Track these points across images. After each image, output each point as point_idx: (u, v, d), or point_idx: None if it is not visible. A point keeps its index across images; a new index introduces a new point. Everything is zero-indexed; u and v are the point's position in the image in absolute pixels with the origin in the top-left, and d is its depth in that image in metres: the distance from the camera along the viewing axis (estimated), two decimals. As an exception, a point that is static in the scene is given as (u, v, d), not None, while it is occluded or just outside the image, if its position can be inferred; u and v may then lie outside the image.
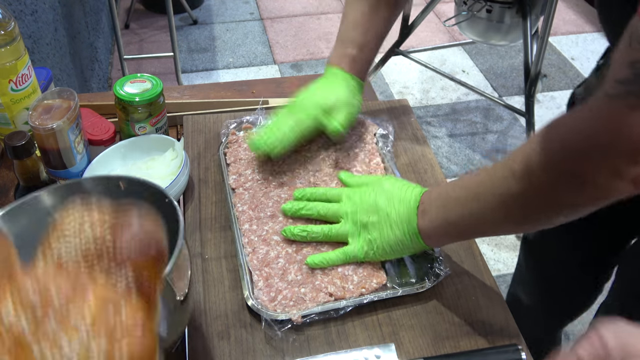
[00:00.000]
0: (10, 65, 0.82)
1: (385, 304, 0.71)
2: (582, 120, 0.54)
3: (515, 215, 0.61)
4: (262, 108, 0.97)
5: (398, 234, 0.69)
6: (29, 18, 1.47)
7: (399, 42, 2.18)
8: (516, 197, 0.59)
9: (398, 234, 0.69)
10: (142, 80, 0.89)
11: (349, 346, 0.67)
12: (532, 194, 0.58)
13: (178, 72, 2.43)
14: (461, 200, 0.64)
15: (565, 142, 0.55)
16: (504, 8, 1.88)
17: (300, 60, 2.77)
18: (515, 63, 2.76)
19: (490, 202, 0.61)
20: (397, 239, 0.70)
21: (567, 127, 0.55)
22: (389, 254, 0.72)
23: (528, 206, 0.59)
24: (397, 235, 0.70)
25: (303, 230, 0.75)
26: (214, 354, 0.67)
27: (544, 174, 0.56)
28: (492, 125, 2.41)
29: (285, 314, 0.69)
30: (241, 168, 0.87)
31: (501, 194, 0.60)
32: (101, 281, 0.28)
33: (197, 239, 0.79)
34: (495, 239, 1.95)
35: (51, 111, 0.77)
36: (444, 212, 0.66)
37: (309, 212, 0.77)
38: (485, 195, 0.62)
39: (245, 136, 0.92)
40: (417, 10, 2.13)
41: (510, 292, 1.28)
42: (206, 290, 0.73)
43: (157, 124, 0.90)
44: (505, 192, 0.60)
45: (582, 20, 3.11)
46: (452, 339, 0.68)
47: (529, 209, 0.60)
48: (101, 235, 0.29)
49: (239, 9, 3.15)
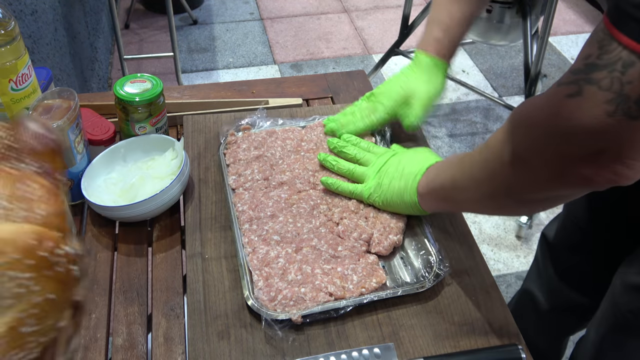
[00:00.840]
0: (10, 65, 0.82)
1: (385, 304, 0.71)
2: (534, 106, 0.56)
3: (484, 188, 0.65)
4: (262, 109, 0.97)
5: (402, 186, 0.76)
6: (29, 18, 1.47)
7: (399, 42, 2.18)
8: (485, 170, 0.63)
9: (402, 186, 0.76)
10: (142, 80, 0.89)
11: (349, 346, 0.68)
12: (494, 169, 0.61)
13: (178, 72, 2.43)
14: (451, 165, 0.71)
15: (519, 123, 0.57)
16: (504, 8, 1.88)
17: (300, 60, 2.77)
18: (515, 63, 2.76)
19: (468, 171, 0.66)
20: (400, 190, 0.76)
21: (524, 109, 0.57)
22: (388, 202, 0.77)
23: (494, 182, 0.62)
24: (401, 186, 0.76)
25: (335, 160, 0.85)
26: (214, 354, 0.67)
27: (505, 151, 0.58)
28: (492, 125, 2.41)
29: (285, 313, 0.69)
30: (240, 168, 0.87)
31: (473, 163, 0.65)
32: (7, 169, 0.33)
33: (197, 239, 0.79)
34: (495, 239, 1.95)
35: (51, 111, 0.77)
36: (435, 175, 0.73)
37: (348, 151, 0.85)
38: (467, 164, 0.67)
39: (245, 136, 0.92)
40: (417, 10, 2.13)
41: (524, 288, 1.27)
42: (206, 290, 0.73)
43: (157, 124, 0.90)
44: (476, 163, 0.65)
45: (582, 20, 3.11)
46: (452, 339, 0.68)
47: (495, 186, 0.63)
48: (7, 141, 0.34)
49: (239, 9, 3.14)
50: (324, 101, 1.09)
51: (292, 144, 0.92)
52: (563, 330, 1.25)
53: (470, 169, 0.66)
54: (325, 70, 2.70)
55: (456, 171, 0.69)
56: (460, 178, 0.68)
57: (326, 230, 0.79)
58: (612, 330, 0.91)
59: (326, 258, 0.75)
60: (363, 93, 1.10)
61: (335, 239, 0.78)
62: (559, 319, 1.19)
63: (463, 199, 0.70)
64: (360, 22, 3.04)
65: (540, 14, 1.90)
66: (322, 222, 0.80)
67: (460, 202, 0.71)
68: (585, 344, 1.03)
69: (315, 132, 0.94)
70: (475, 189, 0.66)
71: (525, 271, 1.80)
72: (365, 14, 3.11)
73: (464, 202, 0.71)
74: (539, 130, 0.54)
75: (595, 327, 0.97)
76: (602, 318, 0.94)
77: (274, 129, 0.94)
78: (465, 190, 0.68)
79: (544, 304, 1.18)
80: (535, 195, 0.59)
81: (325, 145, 0.91)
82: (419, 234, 0.79)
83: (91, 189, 0.82)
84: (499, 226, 2.00)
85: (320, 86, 1.12)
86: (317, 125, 0.95)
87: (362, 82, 1.13)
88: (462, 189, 0.68)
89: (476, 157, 0.65)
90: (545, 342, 1.24)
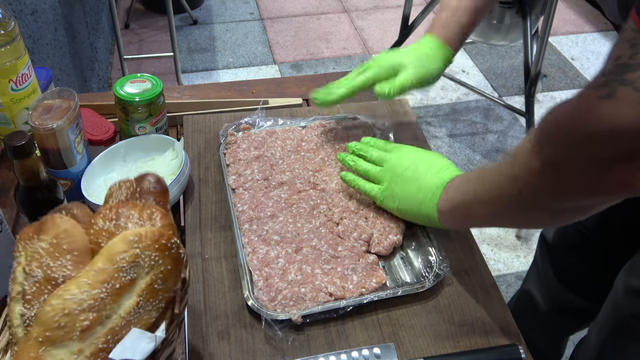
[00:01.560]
0: (10, 65, 0.82)
1: (385, 304, 0.71)
2: (564, 112, 0.55)
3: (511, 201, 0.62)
4: (261, 108, 0.97)
5: (420, 199, 0.74)
6: (29, 18, 1.47)
7: (399, 42, 2.17)
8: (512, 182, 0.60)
9: (420, 199, 0.74)
10: (142, 80, 0.89)
11: (349, 346, 0.67)
12: (523, 179, 0.59)
13: (178, 72, 2.43)
14: (472, 180, 0.68)
15: (550, 130, 0.55)
16: (504, 8, 1.88)
17: (300, 60, 2.77)
18: (515, 63, 2.76)
19: (493, 184, 0.64)
20: (418, 203, 0.74)
21: (553, 116, 0.56)
22: (406, 212, 0.76)
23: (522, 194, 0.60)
24: (419, 199, 0.74)
25: (353, 160, 0.83)
26: (214, 354, 0.67)
27: (535, 160, 0.56)
28: (492, 125, 2.41)
29: (285, 313, 0.69)
30: (240, 168, 0.87)
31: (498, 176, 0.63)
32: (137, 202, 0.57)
33: (197, 239, 0.79)
34: (495, 239, 1.95)
35: (51, 111, 0.77)
36: (457, 191, 0.70)
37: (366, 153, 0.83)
38: (490, 177, 0.65)
39: (245, 136, 0.92)
40: (417, 10, 2.13)
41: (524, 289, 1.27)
42: (206, 290, 0.73)
43: (157, 124, 0.90)
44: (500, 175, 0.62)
45: (582, 20, 3.11)
46: (452, 339, 0.68)
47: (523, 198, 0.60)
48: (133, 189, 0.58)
49: (239, 9, 3.14)
50: (324, 101, 1.09)
51: (292, 144, 0.92)
52: (562, 331, 1.25)
53: (494, 182, 0.64)
54: (325, 70, 2.70)
55: (478, 185, 0.67)
56: (484, 192, 0.65)
57: (326, 230, 0.79)
58: (614, 334, 0.91)
59: (326, 258, 0.75)
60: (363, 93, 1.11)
61: (335, 239, 0.78)
62: (559, 319, 1.19)
63: (487, 214, 0.67)
64: (360, 22, 3.04)
65: (540, 14, 1.90)
66: (322, 222, 0.80)
67: (484, 217, 0.69)
68: (586, 345, 1.03)
69: (316, 132, 0.94)
70: (501, 202, 0.63)
71: (525, 271, 1.80)
72: (365, 14, 3.11)
73: (488, 217, 0.69)
74: (572, 136, 0.52)
75: (597, 330, 0.96)
76: (604, 321, 0.94)
77: (274, 129, 0.94)
78: (490, 205, 0.65)
79: (543, 305, 1.18)
80: (567, 204, 0.57)
81: (326, 145, 0.91)
82: (419, 234, 0.79)
83: (91, 189, 0.82)
84: (499, 226, 2.00)
85: (320, 86, 1.12)
86: (318, 126, 0.95)
87: (362, 82, 1.13)
88: (487, 204, 0.65)
89: (501, 169, 0.63)
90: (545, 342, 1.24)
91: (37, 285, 0.51)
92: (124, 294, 0.49)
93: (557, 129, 0.54)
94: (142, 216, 0.54)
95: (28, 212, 0.74)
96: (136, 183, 0.58)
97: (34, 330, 0.48)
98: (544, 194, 0.58)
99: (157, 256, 0.51)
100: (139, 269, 0.50)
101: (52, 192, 0.73)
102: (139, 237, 0.51)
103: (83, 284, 0.49)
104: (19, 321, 0.51)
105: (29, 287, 0.51)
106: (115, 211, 0.54)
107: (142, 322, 0.50)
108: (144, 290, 0.50)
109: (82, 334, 0.48)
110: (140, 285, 0.50)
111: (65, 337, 0.47)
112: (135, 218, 0.54)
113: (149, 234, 0.51)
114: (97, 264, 0.50)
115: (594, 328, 0.99)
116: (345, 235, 0.78)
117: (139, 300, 0.50)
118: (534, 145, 0.56)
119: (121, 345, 0.49)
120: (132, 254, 0.50)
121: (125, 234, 0.51)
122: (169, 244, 0.52)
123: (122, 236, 0.51)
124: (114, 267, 0.49)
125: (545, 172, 0.55)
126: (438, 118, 2.43)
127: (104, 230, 0.53)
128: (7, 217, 0.85)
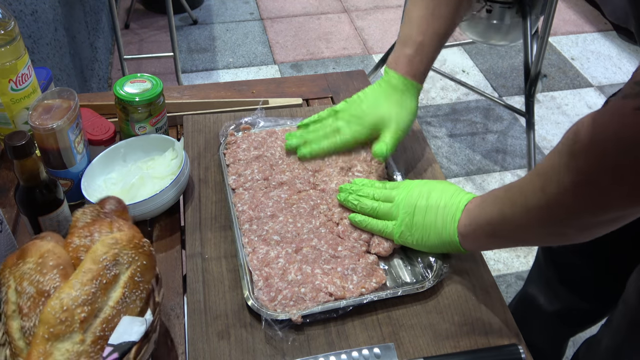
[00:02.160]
0: (10, 65, 0.82)
1: (385, 304, 0.71)
2: (598, 124, 0.53)
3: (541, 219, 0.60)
4: (261, 108, 0.97)
5: (439, 224, 0.71)
6: (29, 18, 1.47)
7: (399, 42, 2.17)
8: (541, 199, 0.58)
9: (439, 224, 0.71)
10: (142, 80, 0.89)
11: (349, 346, 0.67)
12: (554, 196, 0.57)
13: (178, 72, 2.43)
14: (497, 199, 0.66)
15: (582, 143, 0.54)
16: (504, 8, 1.88)
17: (300, 60, 2.77)
18: (515, 63, 2.76)
19: (520, 202, 0.61)
20: (438, 229, 0.71)
21: (584, 128, 0.54)
22: (424, 242, 0.73)
23: (553, 211, 0.58)
24: (438, 225, 0.71)
25: (356, 199, 0.78)
26: (214, 354, 0.67)
27: (566, 175, 0.55)
28: (492, 125, 2.41)
29: (285, 313, 0.69)
30: (240, 168, 0.87)
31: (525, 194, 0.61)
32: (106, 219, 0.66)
33: (197, 239, 0.79)
34: (495, 239, 1.94)
35: (51, 111, 0.77)
36: (480, 211, 0.68)
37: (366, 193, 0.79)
38: (517, 195, 0.62)
39: (244, 136, 0.92)
40: (417, 10, 2.12)
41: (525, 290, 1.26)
42: (206, 290, 0.73)
43: (157, 124, 0.90)
44: (529, 192, 0.60)
45: (582, 20, 3.11)
46: (452, 339, 0.68)
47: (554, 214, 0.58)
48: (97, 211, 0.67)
49: (239, 9, 3.14)
50: (324, 101, 1.09)
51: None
52: (564, 332, 1.24)
53: (522, 200, 0.61)
54: (325, 70, 2.70)
55: (505, 204, 0.64)
56: (511, 211, 0.63)
57: (326, 231, 0.79)
58: (632, 338, 0.90)
59: (326, 258, 0.75)
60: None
61: (335, 239, 0.78)
62: (561, 322, 1.19)
63: (515, 233, 0.65)
64: (360, 22, 3.04)
65: (540, 14, 1.90)
66: (322, 222, 0.80)
67: (511, 236, 0.67)
68: (596, 348, 1.01)
69: None
70: (530, 220, 0.61)
71: (525, 271, 1.80)
72: (365, 14, 3.11)
73: (516, 236, 0.67)
74: (608, 148, 0.51)
75: (612, 334, 0.94)
76: (619, 325, 0.92)
77: (274, 129, 0.94)
78: (518, 224, 0.63)
79: (544, 306, 1.18)
80: (602, 217, 0.56)
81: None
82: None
83: (91, 189, 0.82)
84: (499, 226, 1.99)
85: (320, 86, 1.12)
86: None
87: (362, 82, 1.13)
88: (514, 223, 0.63)
89: (528, 186, 0.61)
90: (546, 342, 1.24)
91: (32, 300, 0.57)
92: (111, 288, 0.59)
93: (591, 142, 0.52)
94: (111, 228, 0.64)
95: (28, 212, 0.74)
96: (99, 206, 0.68)
97: (39, 331, 0.54)
98: (579, 209, 0.56)
99: (133, 253, 0.61)
100: (120, 266, 0.60)
101: (52, 192, 0.73)
102: (115, 240, 0.60)
103: (75, 284, 0.56)
104: (19, 334, 0.57)
105: (23, 302, 0.57)
106: (88, 229, 0.64)
107: (129, 311, 0.59)
108: (126, 282, 0.60)
109: (81, 325, 0.55)
110: (123, 279, 0.60)
111: (68, 330, 0.55)
112: (106, 231, 0.63)
113: (123, 237, 0.61)
114: (84, 266, 0.58)
115: (607, 333, 0.96)
116: (345, 235, 0.78)
117: (124, 292, 0.59)
118: (564, 159, 0.55)
119: (116, 332, 0.57)
120: (112, 254, 0.59)
121: (103, 239, 0.60)
122: (141, 243, 0.62)
123: (101, 242, 0.60)
124: (99, 266, 0.58)
125: (579, 186, 0.54)
126: (438, 118, 2.43)
127: (82, 246, 0.62)
128: (7, 217, 0.85)
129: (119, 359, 0.56)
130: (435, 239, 0.72)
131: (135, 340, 0.57)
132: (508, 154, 2.27)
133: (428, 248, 0.74)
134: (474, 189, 2.12)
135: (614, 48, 2.89)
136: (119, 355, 0.56)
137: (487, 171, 2.20)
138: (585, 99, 2.56)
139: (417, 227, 0.73)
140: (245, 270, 0.73)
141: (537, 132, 2.32)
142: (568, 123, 2.42)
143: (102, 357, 0.56)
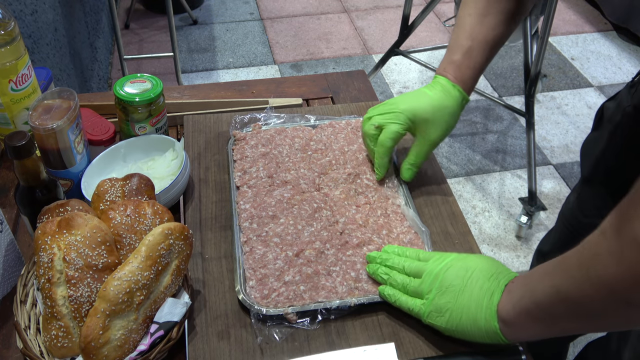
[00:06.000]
0: (10, 65, 0.82)
1: (385, 304, 0.71)
2: None
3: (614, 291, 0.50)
4: (270, 107, 0.97)
5: (473, 308, 0.63)
6: (29, 18, 1.47)
7: (398, 42, 2.18)
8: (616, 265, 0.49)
9: (473, 308, 0.63)
10: (142, 80, 0.89)
11: (349, 346, 0.67)
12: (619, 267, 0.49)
13: (178, 72, 2.43)
14: (547, 273, 0.57)
15: None
16: (504, 8, 1.88)
17: (300, 60, 2.77)
18: (515, 63, 2.76)
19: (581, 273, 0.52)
20: (470, 314, 0.63)
21: None
22: (455, 327, 0.64)
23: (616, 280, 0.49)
24: (471, 309, 0.63)
25: (386, 273, 0.71)
26: (214, 354, 0.67)
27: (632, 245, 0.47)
28: (492, 125, 2.41)
29: (276, 309, 0.68)
30: (246, 165, 0.87)
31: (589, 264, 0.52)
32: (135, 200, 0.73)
33: (197, 239, 0.79)
34: (495, 239, 1.95)
35: (51, 111, 0.77)
36: (526, 291, 0.59)
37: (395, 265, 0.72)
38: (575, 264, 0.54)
39: (254, 133, 0.92)
40: (417, 10, 2.12)
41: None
42: (206, 290, 0.73)
43: (157, 124, 0.90)
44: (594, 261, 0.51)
45: (582, 20, 3.11)
46: (452, 339, 0.68)
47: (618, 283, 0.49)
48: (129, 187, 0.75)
49: (239, 9, 3.14)
50: (324, 101, 1.09)
51: (300, 143, 0.91)
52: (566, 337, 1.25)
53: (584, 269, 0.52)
54: (325, 70, 2.70)
55: (559, 279, 0.54)
56: (570, 285, 0.53)
57: (328, 234, 0.78)
58: None
59: (327, 259, 0.75)
60: (363, 93, 1.11)
61: (335, 240, 0.78)
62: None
63: (576, 313, 0.55)
64: (360, 22, 3.04)
65: (540, 14, 1.90)
66: (323, 226, 0.79)
67: (570, 318, 0.56)
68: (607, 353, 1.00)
69: (325, 133, 0.93)
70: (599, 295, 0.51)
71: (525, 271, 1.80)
72: (365, 14, 3.11)
73: (577, 317, 0.55)
74: None
75: (633, 347, 0.90)
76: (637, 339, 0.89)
77: (283, 127, 0.94)
78: (580, 302, 0.53)
79: None
80: None
81: (334, 147, 0.91)
82: (419, 234, 0.79)
83: (91, 189, 0.82)
84: (498, 226, 2.00)
85: (320, 86, 1.12)
86: (328, 126, 0.95)
87: (362, 82, 1.13)
88: (575, 302, 0.53)
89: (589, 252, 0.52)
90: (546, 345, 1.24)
91: (80, 272, 0.63)
92: (163, 274, 0.66)
93: None
94: (151, 210, 0.70)
95: (28, 212, 0.74)
96: (129, 181, 0.74)
97: (99, 306, 0.61)
98: None
99: (182, 244, 0.67)
100: (172, 255, 0.67)
101: (52, 192, 0.73)
102: (171, 230, 0.66)
103: (136, 269, 0.63)
104: (63, 301, 0.63)
105: (72, 272, 0.63)
106: (125, 206, 0.69)
107: (171, 294, 0.67)
108: (174, 270, 0.67)
109: (137, 306, 0.63)
110: (172, 267, 0.67)
111: (126, 309, 0.62)
112: (144, 212, 0.70)
113: (177, 228, 0.67)
114: (143, 252, 0.64)
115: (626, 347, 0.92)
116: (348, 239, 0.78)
117: (172, 278, 0.67)
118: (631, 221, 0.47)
119: (161, 311, 0.65)
120: (167, 244, 0.65)
121: (162, 228, 0.66)
122: (189, 234, 0.68)
123: (160, 230, 0.65)
124: (157, 254, 0.64)
125: None
126: (438, 118, 2.43)
127: (123, 224, 0.68)
128: (7, 217, 0.85)
129: (164, 336, 0.64)
130: (469, 324, 0.63)
131: (176, 320, 0.65)
132: (508, 154, 2.27)
133: (461, 334, 0.65)
134: (474, 189, 2.13)
135: (614, 48, 2.89)
136: (164, 333, 0.64)
137: (487, 171, 2.20)
138: (585, 99, 2.56)
139: (447, 308, 0.64)
140: (239, 265, 0.73)
141: (537, 132, 2.32)
142: (568, 123, 2.43)
143: (150, 333, 0.64)
